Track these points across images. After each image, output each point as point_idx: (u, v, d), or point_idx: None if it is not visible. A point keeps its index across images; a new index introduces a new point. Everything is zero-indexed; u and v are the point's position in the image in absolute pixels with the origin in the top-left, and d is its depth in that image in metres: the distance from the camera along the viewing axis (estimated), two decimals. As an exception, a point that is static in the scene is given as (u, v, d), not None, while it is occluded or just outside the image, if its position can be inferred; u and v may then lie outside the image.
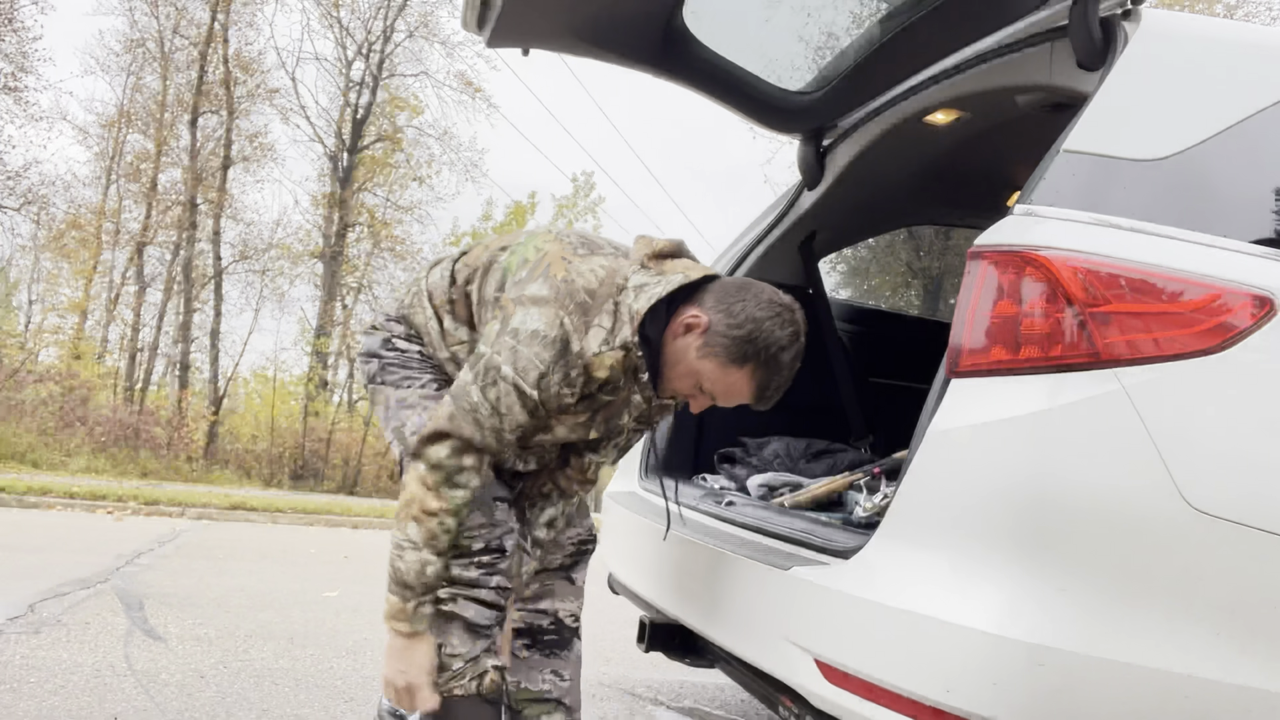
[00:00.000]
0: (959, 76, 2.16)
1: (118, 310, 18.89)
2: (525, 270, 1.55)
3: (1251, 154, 1.43)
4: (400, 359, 1.72)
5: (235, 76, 17.82)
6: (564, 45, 2.33)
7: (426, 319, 1.70)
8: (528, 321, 1.46)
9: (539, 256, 1.56)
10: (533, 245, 1.60)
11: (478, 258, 1.68)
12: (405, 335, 1.74)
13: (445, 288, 1.69)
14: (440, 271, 1.73)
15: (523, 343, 1.45)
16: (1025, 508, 1.23)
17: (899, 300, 14.61)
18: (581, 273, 1.52)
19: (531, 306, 1.48)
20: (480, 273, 1.65)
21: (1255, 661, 1.21)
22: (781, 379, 1.54)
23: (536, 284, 1.50)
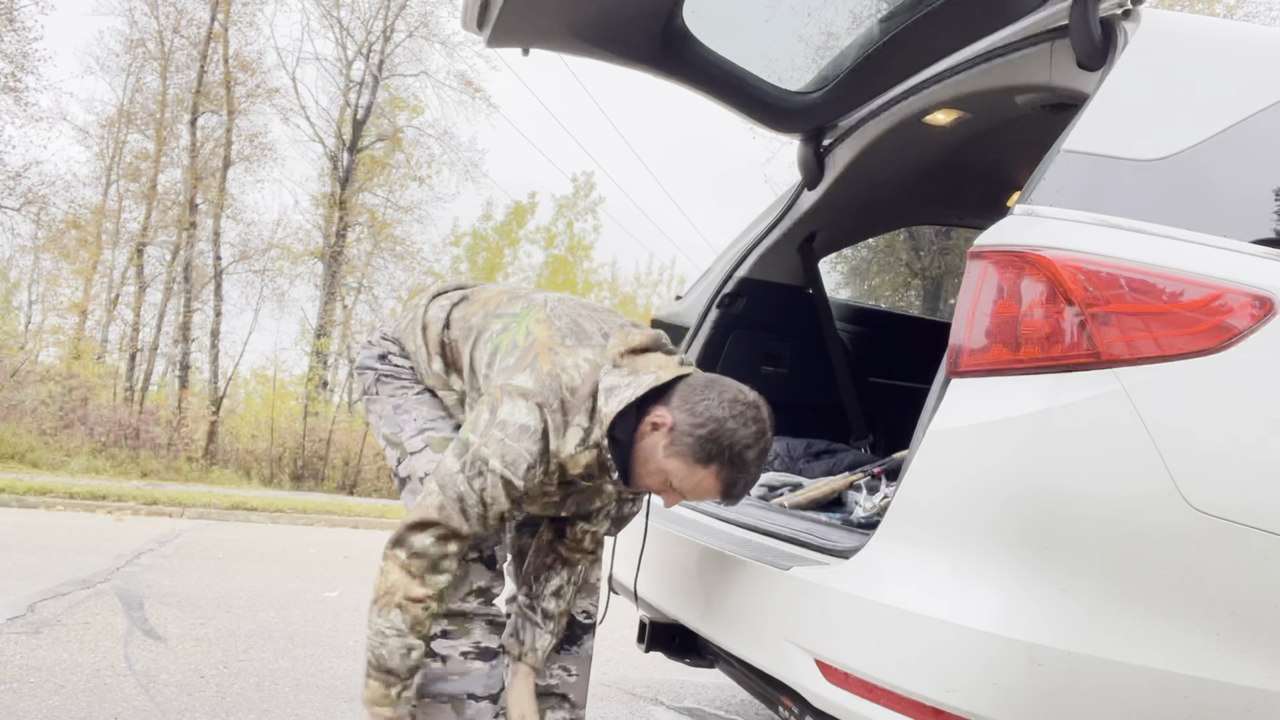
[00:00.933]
0: (959, 76, 2.16)
1: (118, 310, 18.89)
2: (514, 357, 1.58)
3: (1251, 154, 1.43)
4: (394, 372, 1.82)
5: (235, 76, 17.81)
6: (564, 45, 2.33)
7: (416, 348, 1.80)
8: (515, 415, 1.49)
9: (528, 343, 1.59)
10: (524, 327, 1.63)
11: (473, 315, 1.74)
12: (399, 353, 1.84)
13: (439, 330, 1.77)
14: (438, 310, 1.79)
15: (511, 436, 1.48)
16: (1025, 508, 1.23)
17: (899, 300, 14.61)
18: (566, 368, 1.55)
19: (520, 399, 1.50)
20: (473, 336, 1.70)
21: (1255, 661, 1.21)
22: (748, 476, 1.54)
23: (524, 375, 1.53)
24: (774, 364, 2.90)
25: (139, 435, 14.47)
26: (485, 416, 1.51)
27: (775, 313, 2.84)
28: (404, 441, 1.73)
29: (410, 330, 1.81)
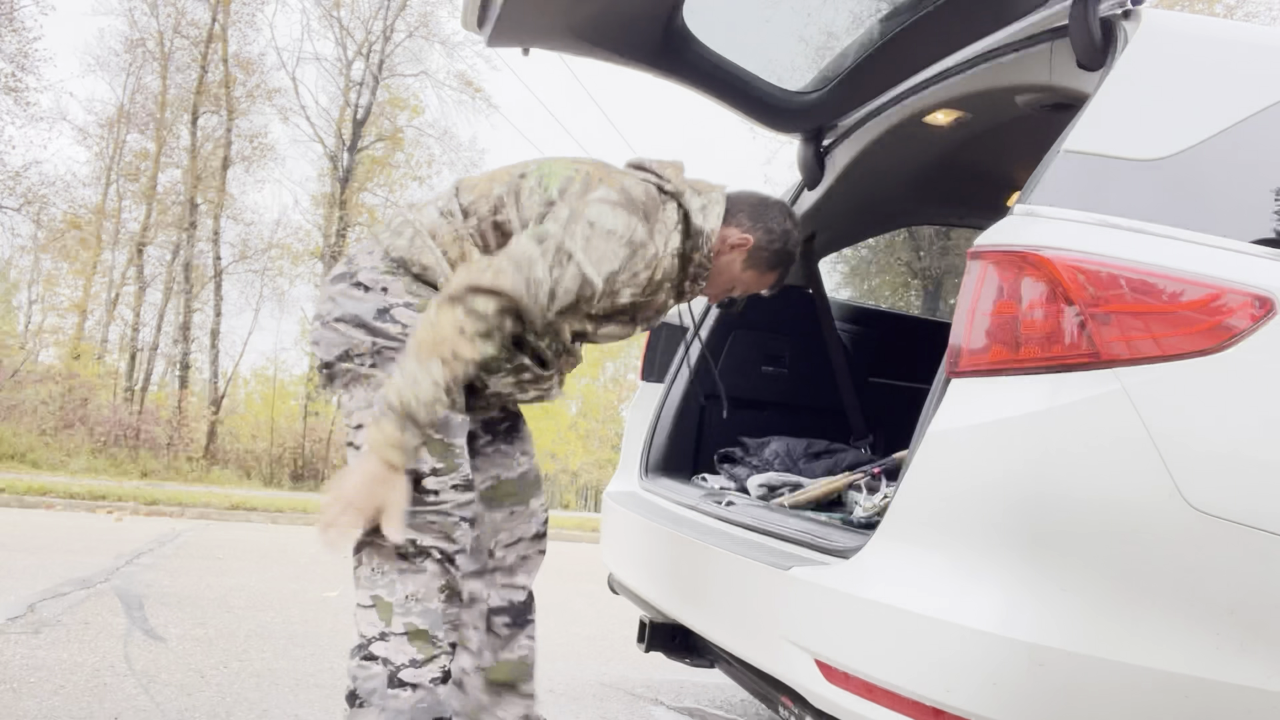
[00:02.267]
0: (959, 76, 2.16)
1: (118, 310, 18.90)
2: (577, 184, 1.60)
3: (1252, 154, 1.43)
4: (401, 341, 1.56)
5: (235, 76, 17.82)
6: (564, 44, 2.33)
7: (437, 259, 1.62)
8: (604, 219, 1.53)
9: (583, 174, 1.62)
10: (565, 166, 1.65)
11: (488, 190, 1.65)
12: (407, 301, 1.59)
13: (456, 224, 1.63)
14: (435, 211, 1.66)
15: (599, 236, 1.51)
16: (1025, 508, 1.23)
17: (899, 300, 14.61)
18: (633, 186, 1.61)
19: (605, 206, 1.54)
20: (510, 198, 1.63)
21: (1255, 661, 1.21)
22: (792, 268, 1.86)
23: (601, 190, 1.57)
24: (774, 364, 2.90)
25: (139, 435, 14.48)
26: (567, 213, 1.52)
27: (775, 313, 2.84)
28: None
29: (422, 244, 1.62)
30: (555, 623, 4.17)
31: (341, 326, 1.59)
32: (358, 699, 1.53)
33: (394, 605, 1.54)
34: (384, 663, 1.53)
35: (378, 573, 1.55)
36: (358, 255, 1.65)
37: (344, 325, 1.59)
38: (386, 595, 1.55)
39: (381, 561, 1.55)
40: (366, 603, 1.56)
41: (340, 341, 1.59)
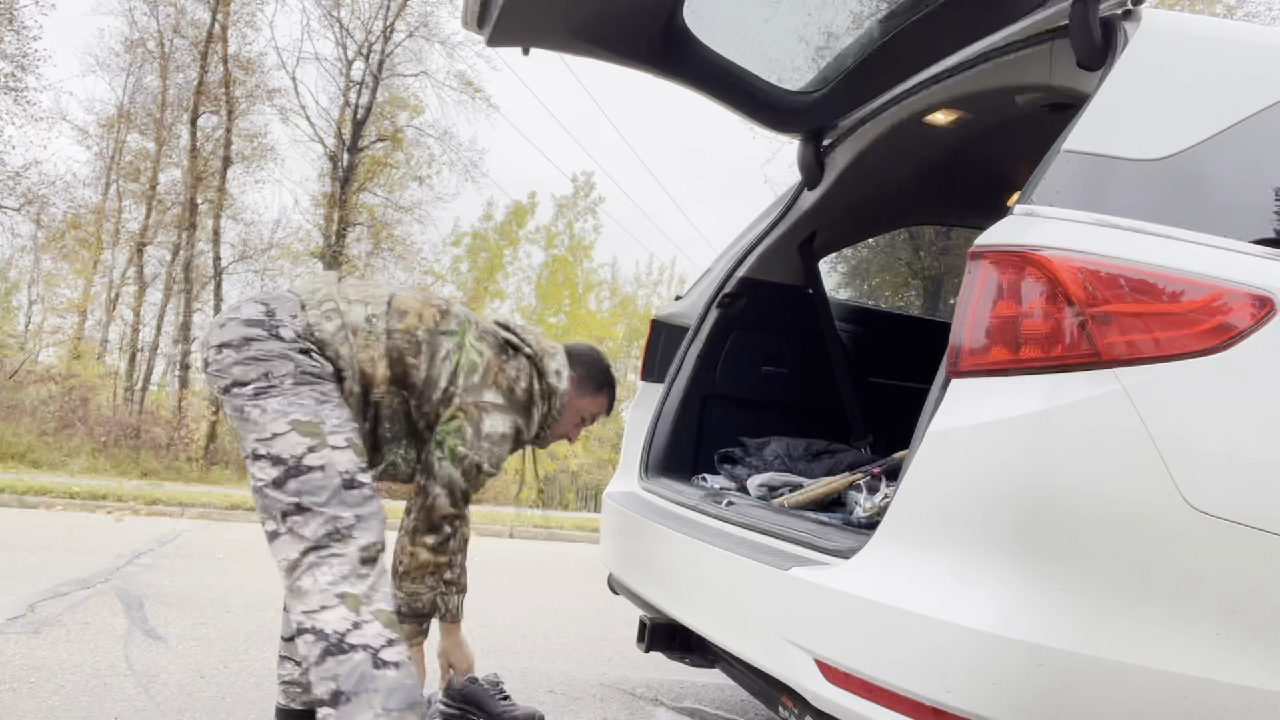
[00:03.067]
0: (959, 76, 2.16)
1: (118, 310, 18.91)
2: (476, 375, 1.98)
3: (1252, 154, 1.43)
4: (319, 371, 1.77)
5: (235, 76, 17.81)
6: (564, 44, 2.33)
7: (351, 356, 1.83)
8: (496, 427, 1.99)
9: (484, 363, 2.00)
10: (472, 350, 2.00)
11: (414, 326, 1.93)
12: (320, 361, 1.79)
13: (376, 336, 1.87)
14: (361, 313, 1.87)
15: (495, 444, 1.99)
16: (1025, 508, 1.23)
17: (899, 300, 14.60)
18: (515, 379, 2.06)
19: (495, 413, 2.00)
20: (425, 354, 1.93)
21: (1255, 661, 1.21)
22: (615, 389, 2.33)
23: (490, 393, 2.00)
24: (774, 364, 2.90)
25: (139, 435, 14.47)
26: (470, 432, 1.96)
27: (775, 313, 2.84)
28: (325, 433, 1.69)
29: (342, 339, 1.82)
30: (555, 623, 4.17)
31: (262, 356, 1.72)
32: (343, 695, 1.55)
33: (361, 597, 1.62)
34: (364, 649, 1.57)
35: (341, 577, 1.63)
36: (278, 311, 1.79)
37: (265, 357, 1.72)
38: (352, 589, 1.62)
39: (344, 568, 1.64)
40: (330, 603, 1.61)
41: (261, 368, 1.72)
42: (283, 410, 1.68)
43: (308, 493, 1.64)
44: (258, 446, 1.67)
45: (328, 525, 1.64)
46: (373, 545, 1.67)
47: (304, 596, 1.62)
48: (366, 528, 1.67)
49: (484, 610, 4.25)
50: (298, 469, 1.65)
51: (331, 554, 1.63)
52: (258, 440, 1.67)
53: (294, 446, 1.66)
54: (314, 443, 1.67)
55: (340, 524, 1.64)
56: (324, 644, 1.57)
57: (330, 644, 1.56)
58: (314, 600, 1.60)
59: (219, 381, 1.74)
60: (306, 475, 1.65)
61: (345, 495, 1.67)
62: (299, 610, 1.62)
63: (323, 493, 1.65)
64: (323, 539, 1.63)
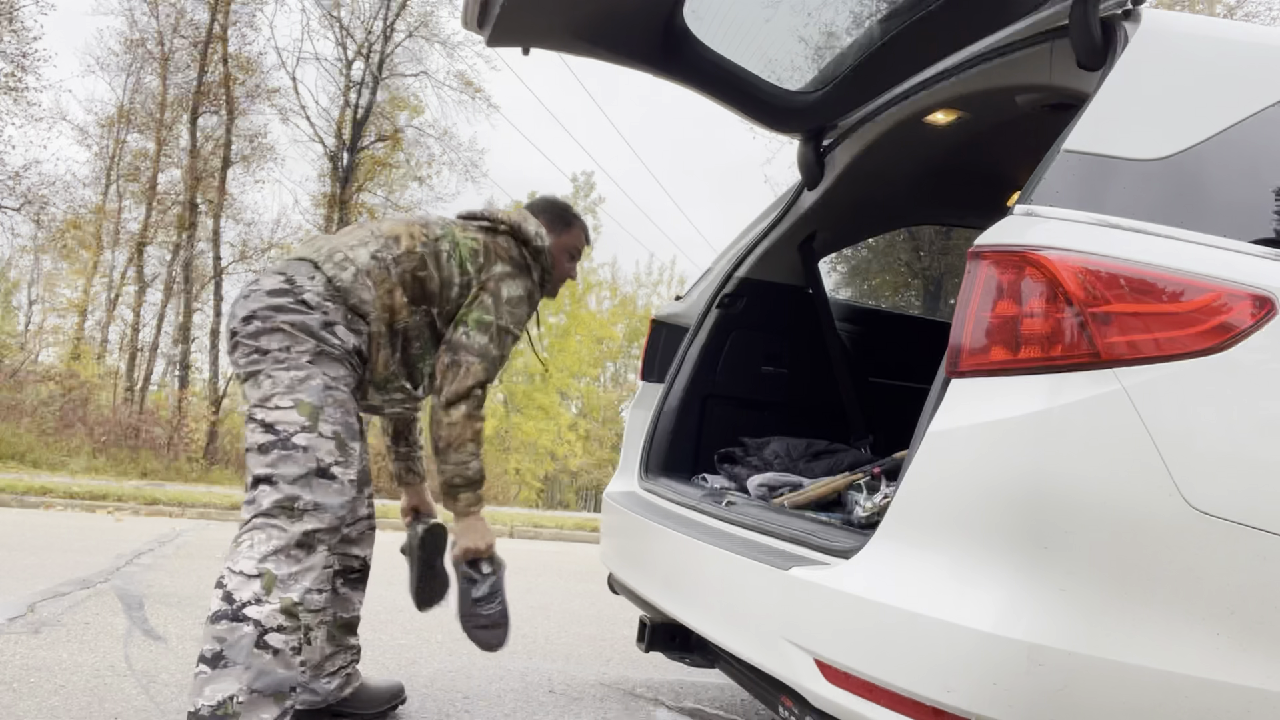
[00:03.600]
0: (959, 76, 2.16)
1: (118, 310, 18.90)
2: (481, 257, 2.13)
3: (1252, 154, 1.43)
4: (339, 351, 1.89)
5: (235, 76, 17.81)
6: (564, 44, 2.33)
7: (372, 297, 1.96)
8: (513, 290, 2.13)
9: (481, 245, 2.15)
10: (466, 240, 2.14)
11: (412, 247, 2.05)
12: (346, 320, 1.91)
13: (387, 270, 2.00)
14: (367, 254, 2.00)
15: (514, 306, 2.12)
16: (1025, 508, 1.23)
17: (899, 300, 14.60)
18: (508, 249, 2.19)
19: (508, 280, 2.13)
20: (431, 260, 2.06)
21: (1255, 661, 1.21)
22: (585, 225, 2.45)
23: (498, 266, 2.14)
24: (774, 364, 2.90)
25: (139, 435, 14.47)
26: (490, 301, 2.09)
27: (775, 313, 2.84)
28: (319, 420, 1.82)
29: (360, 281, 1.95)
30: (555, 623, 4.17)
31: (288, 328, 1.84)
32: (222, 660, 1.65)
33: (279, 579, 1.72)
34: (255, 624, 1.68)
35: (273, 551, 1.73)
36: (296, 277, 1.90)
37: (291, 329, 1.84)
38: (274, 569, 1.72)
39: (279, 543, 1.74)
40: (251, 571, 1.71)
41: (285, 340, 1.83)
42: (291, 386, 1.81)
43: (282, 465, 1.76)
44: (256, 410, 1.81)
45: (286, 500, 1.76)
46: (317, 533, 1.77)
47: (235, 554, 1.75)
48: (319, 516, 1.78)
49: (484, 610, 4.24)
50: (284, 443, 1.77)
51: (275, 525, 1.75)
52: (259, 405, 1.81)
53: (289, 423, 1.78)
54: (308, 424, 1.79)
55: (297, 503, 1.76)
56: (226, 605, 1.69)
57: (230, 609, 1.69)
58: (239, 563, 1.73)
59: (243, 349, 1.85)
60: (288, 451, 1.77)
61: (314, 481, 1.78)
62: (225, 564, 1.75)
63: (295, 471, 1.77)
64: (274, 510, 1.75)
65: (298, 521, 1.76)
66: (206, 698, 1.64)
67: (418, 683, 2.90)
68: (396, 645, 3.41)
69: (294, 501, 1.76)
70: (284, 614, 1.71)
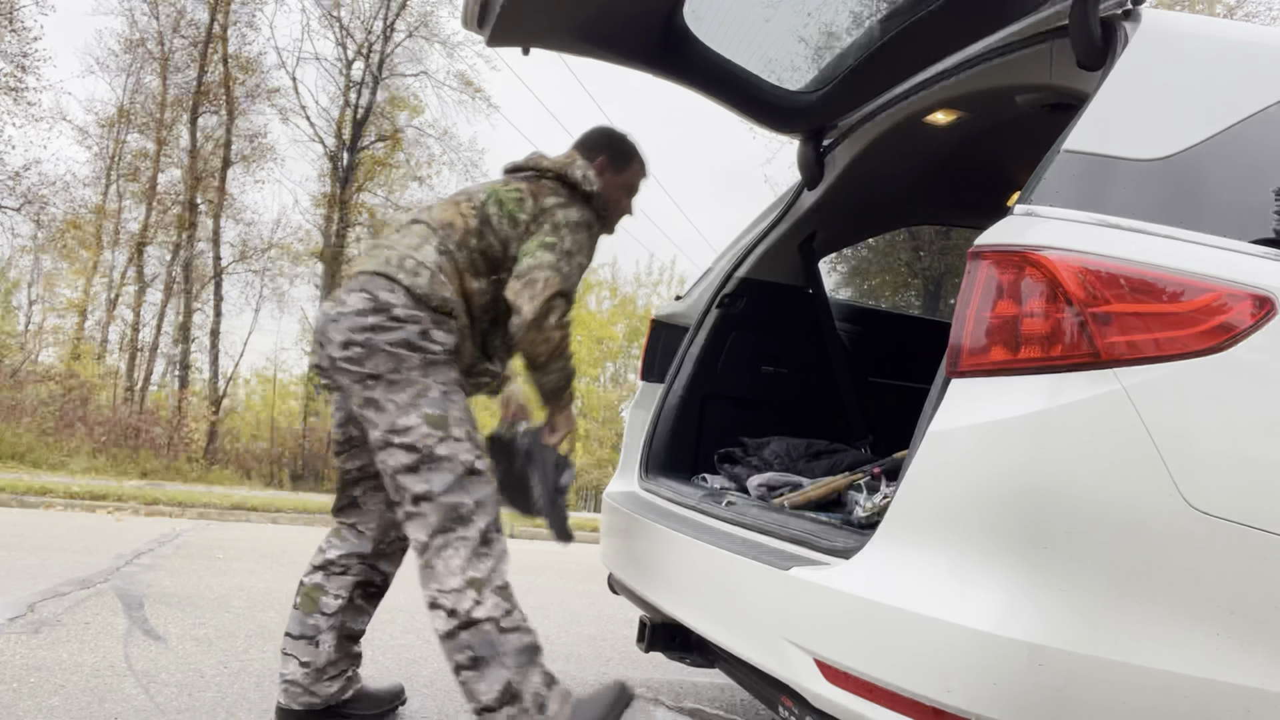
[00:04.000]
0: (959, 76, 2.16)
1: (118, 310, 18.90)
2: (529, 202, 2.11)
3: (1252, 154, 1.43)
4: (443, 355, 1.95)
5: (235, 76, 17.81)
6: (564, 44, 2.33)
7: (452, 292, 2.00)
8: (570, 215, 2.10)
9: (526, 192, 2.13)
10: (509, 193, 2.12)
11: (465, 225, 2.07)
12: (435, 321, 1.96)
13: (456, 259, 2.02)
14: (433, 250, 2.02)
15: (574, 230, 2.08)
16: (1025, 508, 1.23)
17: (899, 300, 14.60)
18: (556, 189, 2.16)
19: (561, 209, 2.10)
20: (486, 228, 2.07)
21: (1255, 661, 1.21)
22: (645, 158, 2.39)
23: (550, 198, 2.11)
24: (774, 364, 2.90)
25: (139, 435, 14.47)
26: (548, 227, 2.06)
27: (775, 313, 2.84)
28: (450, 425, 1.91)
29: (437, 281, 1.98)
30: (555, 623, 4.17)
31: (389, 349, 1.90)
32: (480, 660, 1.82)
33: (482, 579, 1.86)
34: (489, 620, 1.83)
35: (465, 561, 1.86)
36: (379, 293, 1.95)
37: (392, 348, 1.90)
38: (475, 573, 1.86)
39: (466, 551, 1.86)
40: (458, 586, 1.85)
41: (390, 361, 1.90)
42: (413, 403, 1.89)
43: (436, 480, 1.87)
44: (390, 436, 1.89)
45: (452, 511, 1.87)
46: (490, 525, 1.90)
47: (436, 577, 1.87)
48: (485, 511, 1.91)
49: (484, 610, 4.24)
50: (429, 458, 1.88)
51: (457, 537, 1.87)
52: (389, 430, 1.89)
53: (424, 438, 1.88)
54: (441, 434, 1.89)
55: (463, 509, 1.87)
56: (456, 621, 1.84)
57: (461, 621, 1.83)
58: (446, 581, 1.85)
59: (350, 376, 1.92)
60: (435, 464, 1.88)
61: (466, 482, 1.89)
62: (432, 587, 1.87)
63: (448, 480, 1.87)
64: (448, 523, 1.87)
65: (471, 524, 1.88)
66: (485, 692, 1.82)
67: (418, 683, 2.90)
68: (396, 645, 3.40)
69: (459, 509, 1.87)
70: (503, 599, 1.87)
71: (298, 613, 2.21)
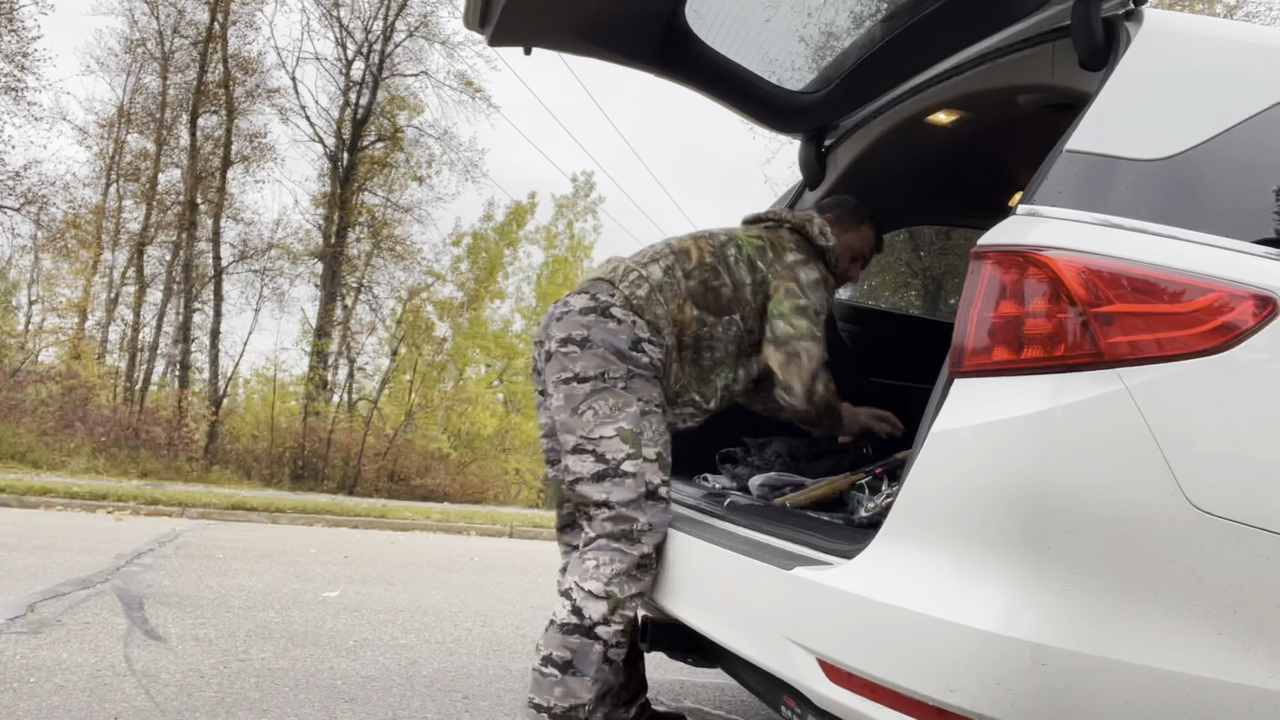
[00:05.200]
0: (961, 76, 2.16)
1: (118, 310, 18.89)
2: (770, 252, 2.17)
3: (1253, 154, 1.43)
4: (649, 370, 1.97)
5: (235, 76, 17.80)
6: (565, 44, 2.33)
7: (665, 313, 2.02)
8: (810, 274, 2.15)
9: (766, 242, 2.19)
10: (750, 240, 2.18)
11: (701, 260, 2.10)
12: (647, 335, 1.98)
13: (678, 285, 2.05)
14: (659, 270, 2.06)
15: (815, 289, 2.14)
16: (1027, 507, 1.22)
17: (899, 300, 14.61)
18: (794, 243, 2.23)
19: (803, 267, 2.16)
20: (722, 268, 2.11)
21: (1257, 661, 1.21)
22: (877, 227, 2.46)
23: (789, 255, 2.17)
24: (775, 364, 2.89)
25: (139, 435, 14.46)
26: (796, 286, 2.11)
27: (776, 313, 2.83)
28: (643, 444, 1.91)
29: (656, 297, 2.02)
30: (556, 623, 4.17)
31: (601, 351, 1.94)
32: (571, 668, 1.84)
33: (622, 601, 1.87)
34: (603, 642, 1.85)
35: (616, 574, 1.87)
36: (599, 294, 2.01)
37: (604, 351, 1.93)
38: (619, 591, 1.86)
39: (622, 565, 1.87)
40: (599, 592, 1.86)
41: (600, 365, 1.93)
42: (611, 415, 1.91)
43: (616, 491, 1.89)
44: (583, 442, 1.92)
45: (624, 524, 1.88)
46: (651, 553, 1.90)
47: (583, 570, 1.89)
48: (653, 535, 1.90)
49: (484, 610, 4.25)
50: (615, 471, 1.89)
51: (618, 549, 1.88)
52: (584, 436, 1.92)
53: (616, 450, 1.89)
54: (632, 450, 1.90)
55: (634, 526, 1.88)
56: (577, 620, 1.85)
57: (582, 624, 1.85)
58: (588, 582, 1.87)
59: (561, 373, 1.96)
60: (619, 478, 1.89)
61: (645, 503, 1.89)
62: (573, 578, 1.89)
63: (629, 496, 1.88)
64: (617, 533, 1.88)
65: (637, 544, 1.88)
66: (558, 699, 1.82)
67: (418, 683, 2.90)
68: (397, 645, 3.40)
69: (631, 524, 1.88)
70: (623, 632, 1.87)
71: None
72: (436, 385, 20.11)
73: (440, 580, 5.22)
